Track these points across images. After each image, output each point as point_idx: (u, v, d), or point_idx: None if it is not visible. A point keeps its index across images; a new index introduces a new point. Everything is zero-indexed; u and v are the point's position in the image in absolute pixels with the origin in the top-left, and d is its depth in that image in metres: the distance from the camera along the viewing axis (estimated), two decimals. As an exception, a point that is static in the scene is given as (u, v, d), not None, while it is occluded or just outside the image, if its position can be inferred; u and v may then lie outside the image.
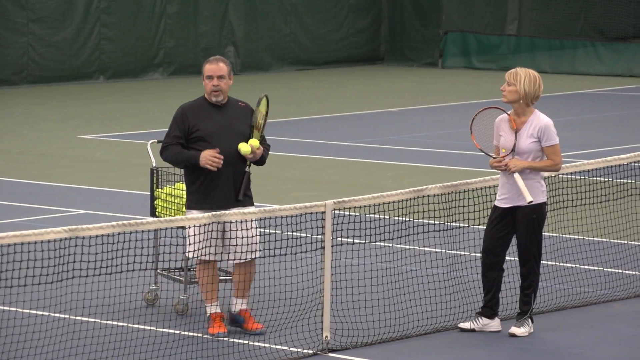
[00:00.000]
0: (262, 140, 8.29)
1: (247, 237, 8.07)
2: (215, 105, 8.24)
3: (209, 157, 8.03)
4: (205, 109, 8.22)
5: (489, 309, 8.29)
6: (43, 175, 14.62)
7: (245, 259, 8.10)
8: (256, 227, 8.16)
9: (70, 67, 25.22)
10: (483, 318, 8.28)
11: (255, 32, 27.81)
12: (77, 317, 8.12)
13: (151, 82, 25.86)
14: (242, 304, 8.17)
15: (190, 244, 8.02)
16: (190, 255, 8.08)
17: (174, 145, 8.16)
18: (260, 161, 8.24)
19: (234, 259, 8.11)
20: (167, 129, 8.28)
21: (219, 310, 8.15)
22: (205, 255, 8.03)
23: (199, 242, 7.96)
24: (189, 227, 7.96)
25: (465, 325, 8.31)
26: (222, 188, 8.10)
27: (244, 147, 8.11)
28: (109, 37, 25.72)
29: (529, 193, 8.12)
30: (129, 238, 7.59)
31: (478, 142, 8.35)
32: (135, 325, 8.19)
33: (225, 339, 8.01)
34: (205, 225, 7.89)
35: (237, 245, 8.07)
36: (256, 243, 8.14)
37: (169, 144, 8.18)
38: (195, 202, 8.13)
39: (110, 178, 14.49)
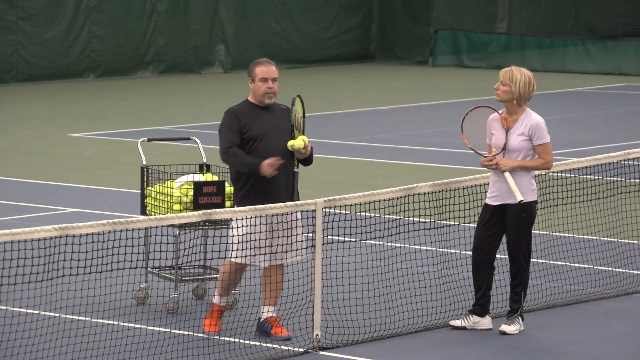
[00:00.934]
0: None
1: (292, 236, 8.01)
2: (260, 107, 8.15)
3: (269, 166, 7.92)
4: (252, 111, 8.12)
5: (480, 307, 8.29)
6: (33, 174, 14.59)
7: (293, 261, 8.05)
8: (301, 228, 8.08)
9: (60, 65, 25.18)
10: (474, 316, 8.29)
11: (246, 30, 27.79)
12: (68, 316, 8.10)
13: (141, 80, 25.83)
14: (270, 311, 8.09)
15: (235, 243, 7.93)
16: (234, 255, 7.98)
17: (234, 149, 8.02)
18: (309, 160, 8.18)
19: (271, 264, 8.01)
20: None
21: (223, 304, 8.12)
22: (244, 257, 7.97)
23: (244, 242, 7.89)
24: (236, 228, 7.90)
25: (457, 322, 8.31)
26: (276, 188, 8.04)
27: (298, 142, 8.02)
28: (99, 35, 25.67)
29: (520, 192, 8.13)
30: (120, 236, 7.58)
31: (468, 141, 8.36)
32: (126, 324, 8.18)
33: (216, 337, 8.00)
34: (252, 226, 7.85)
35: (278, 246, 8.00)
36: (300, 243, 8.05)
37: (229, 147, 8.02)
38: (249, 201, 8.00)
39: (101, 176, 14.47)
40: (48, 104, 21.71)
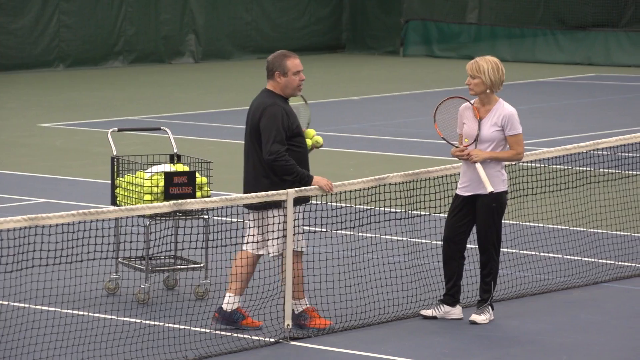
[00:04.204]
0: None
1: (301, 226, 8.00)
2: (285, 99, 8.08)
3: (328, 184, 7.93)
4: (286, 105, 8.06)
5: (451, 297, 8.33)
6: (2, 164, 14.50)
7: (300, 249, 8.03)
8: (301, 220, 8.05)
9: (29, 55, 25.02)
10: (444, 305, 8.32)
11: (217, 20, 27.71)
12: (37, 307, 8.07)
13: (111, 70, 25.71)
14: (304, 304, 8.03)
15: (251, 235, 7.89)
16: (250, 247, 7.95)
17: (286, 154, 7.86)
18: None
19: (270, 253, 8.01)
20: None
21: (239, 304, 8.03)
22: (259, 249, 7.96)
23: (257, 235, 7.88)
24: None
25: (427, 312, 8.35)
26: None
27: (319, 139, 8.08)
28: (68, 25, 25.53)
29: (490, 183, 8.16)
30: (90, 227, 7.55)
31: (441, 131, 8.38)
32: (96, 315, 8.15)
33: (186, 327, 8.00)
34: (262, 219, 7.85)
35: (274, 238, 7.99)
36: (299, 235, 8.01)
37: (282, 150, 7.85)
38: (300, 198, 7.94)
39: (71, 166, 14.41)
40: (17, 94, 21.57)
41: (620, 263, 9.72)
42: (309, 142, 8.15)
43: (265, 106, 7.99)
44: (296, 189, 7.98)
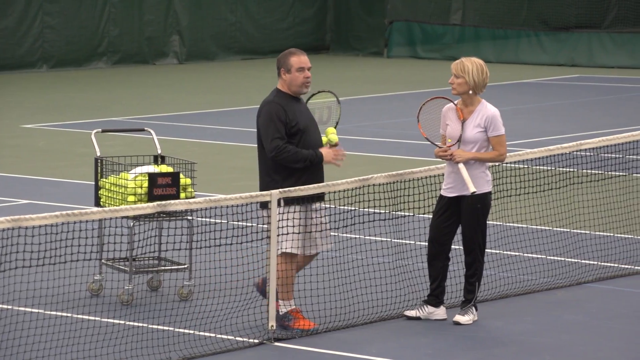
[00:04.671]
0: None
1: (324, 229, 8.05)
2: (294, 98, 8.08)
3: (335, 155, 7.93)
4: (291, 102, 8.03)
5: (435, 298, 8.34)
6: (-15, 165, 14.46)
7: (318, 251, 8.09)
8: (327, 219, 8.09)
9: (12, 55, 24.94)
10: (428, 306, 8.34)
11: (201, 21, 27.69)
12: (21, 308, 8.05)
13: (95, 71, 25.66)
14: (288, 305, 8.04)
15: (288, 234, 7.89)
16: (288, 246, 7.93)
17: (288, 146, 7.88)
18: None
19: (314, 252, 8.06)
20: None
21: (294, 305, 8.03)
22: (296, 247, 7.96)
23: (295, 233, 7.89)
24: (287, 219, 7.85)
25: (411, 313, 8.36)
26: (318, 181, 8.02)
27: (334, 137, 8.04)
28: (52, 26, 25.47)
29: (473, 184, 8.18)
30: (73, 228, 7.54)
31: (425, 131, 8.40)
32: (80, 316, 8.14)
33: (170, 328, 7.99)
34: (300, 219, 7.85)
35: (317, 237, 8.02)
36: (328, 234, 8.07)
37: (284, 145, 7.87)
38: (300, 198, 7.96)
39: (54, 168, 14.37)
40: (0, 95, 21.50)
41: (603, 263, 9.76)
42: (324, 139, 8.15)
43: (262, 105, 8.07)
44: (280, 189, 7.98)
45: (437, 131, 8.39)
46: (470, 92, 8.25)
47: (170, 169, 8.82)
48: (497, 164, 8.82)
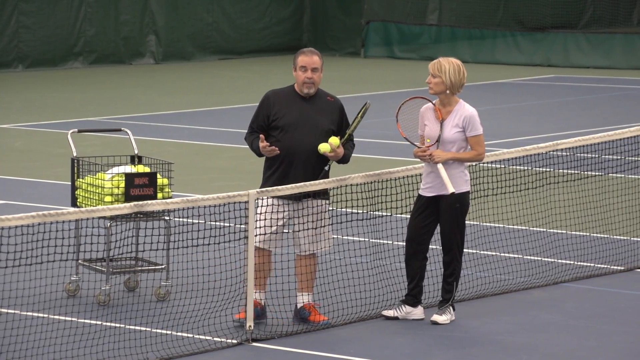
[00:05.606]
0: (349, 139, 8.30)
1: (313, 229, 8.07)
2: (302, 96, 8.19)
3: (263, 147, 8.09)
4: (291, 99, 8.18)
5: (413, 297, 8.36)
6: (-39, 166, 14.38)
7: (307, 251, 8.15)
8: (328, 220, 8.15)
9: (-13, 55, 24.83)
10: (406, 306, 8.35)
11: (177, 21, 27.63)
12: (-3, 309, 8.01)
13: (71, 71, 25.56)
14: (305, 296, 8.18)
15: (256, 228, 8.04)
16: (259, 244, 8.10)
17: (252, 134, 8.18)
18: (344, 160, 8.28)
19: (298, 252, 8.17)
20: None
21: (258, 297, 8.14)
22: (258, 242, 8.06)
23: (258, 227, 8.01)
24: (259, 214, 8.02)
25: (389, 313, 8.37)
26: (294, 180, 8.09)
27: (324, 147, 8.12)
28: (27, 26, 25.35)
29: (452, 183, 8.20)
30: (50, 228, 7.51)
31: (403, 131, 8.41)
32: (56, 317, 8.11)
33: (148, 329, 7.97)
34: (270, 213, 7.94)
35: (301, 237, 8.11)
36: (324, 237, 8.13)
37: (249, 132, 8.21)
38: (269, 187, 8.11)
39: (30, 168, 14.31)
40: (-24, 95, 21.39)
41: (579, 263, 9.80)
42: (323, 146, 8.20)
43: None
44: (257, 189, 7.98)
45: (415, 131, 8.41)
46: (447, 91, 8.27)
47: (147, 169, 8.80)
48: (475, 163, 8.84)
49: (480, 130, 8.29)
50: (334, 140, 8.17)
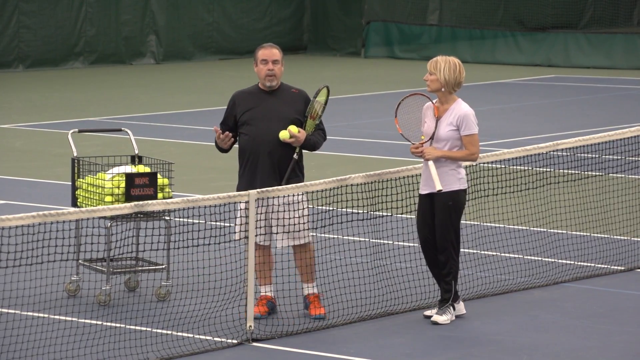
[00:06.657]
0: (317, 127, 8.37)
1: (294, 218, 8.14)
2: (265, 91, 8.31)
3: (218, 137, 8.30)
4: (255, 95, 8.35)
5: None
6: (-39, 166, 14.39)
7: (290, 244, 8.21)
8: (305, 209, 8.23)
9: (-12, 55, 24.84)
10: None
11: (178, 21, 27.64)
12: (-2, 309, 8.02)
13: (72, 71, 25.57)
14: (308, 288, 8.30)
15: (236, 226, 8.11)
16: (236, 237, 8.16)
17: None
18: (310, 147, 8.33)
19: (281, 245, 8.25)
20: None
21: (266, 293, 8.23)
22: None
23: (242, 224, 8.05)
24: (239, 210, 8.09)
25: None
26: (262, 172, 8.21)
27: (283, 134, 8.22)
28: (28, 26, 25.36)
29: (443, 181, 8.20)
30: (50, 228, 7.51)
31: (400, 127, 8.42)
32: (57, 317, 8.11)
33: (148, 329, 7.97)
34: (248, 209, 7.95)
35: (283, 228, 8.17)
36: (304, 224, 8.20)
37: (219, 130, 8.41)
38: (243, 186, 8.22)
39: (31, 168, 14.32)
40: (-24, 95, 21.40)
41: (579, 263, 9.80)
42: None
43: None
44: (257, 190, 7.99)
45: (412, 129, 8.41)
46: (443, 89, 8.28)
47: (147, 169, 8.81)
48: (472, 163, 8.84)
49: (475, 130, 8.29)
50: (292, 127, 8.23)
